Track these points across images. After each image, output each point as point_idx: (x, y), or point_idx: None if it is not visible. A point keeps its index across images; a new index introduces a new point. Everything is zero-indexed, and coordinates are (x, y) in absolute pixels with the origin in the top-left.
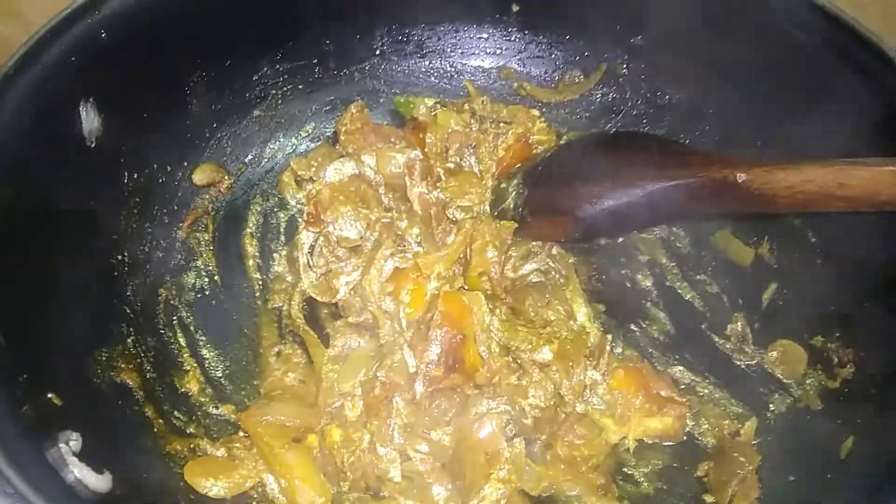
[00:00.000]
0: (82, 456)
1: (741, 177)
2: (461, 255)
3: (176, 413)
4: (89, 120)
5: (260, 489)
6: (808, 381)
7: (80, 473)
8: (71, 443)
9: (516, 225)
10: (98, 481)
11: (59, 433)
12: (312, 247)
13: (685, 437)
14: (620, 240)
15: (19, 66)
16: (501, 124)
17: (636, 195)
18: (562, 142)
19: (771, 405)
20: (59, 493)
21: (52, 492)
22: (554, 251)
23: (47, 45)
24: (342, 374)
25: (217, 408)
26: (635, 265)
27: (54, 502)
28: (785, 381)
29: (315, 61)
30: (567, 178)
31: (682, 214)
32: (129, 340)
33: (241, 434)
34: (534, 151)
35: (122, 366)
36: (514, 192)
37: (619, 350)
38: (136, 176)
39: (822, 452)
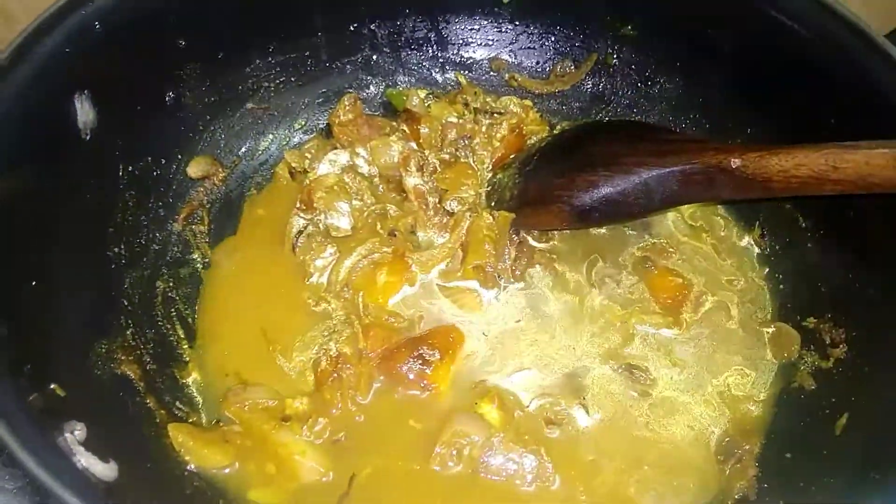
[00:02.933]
0: (87, 445)
1: (735, 162)
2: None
3: (178, 404)
4: (84, 112)
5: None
6: (801, 362)
7: (87, 462)
8: (76, 432)
9: (513, 216)
10: (104, 470)
11: (65, 423)
12: (300, 232)
13: None
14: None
15: (14, 58)
16: (495, 115)
17: (632, 182)
18: (555, 131)
19: (767, 386)
20: (74, 478)
21: (67, 478)
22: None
23: (41, 37)
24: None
25: None
26: None
27: (71, 488)
28: (779, 362)
29: (307, 53)
30: (562, 167)
31: (676, 201)
32: (128, 332)
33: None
34: (527, 142)
35: (122, 357)
36: (509, 183)
37: None
38: (130, 169)
39: (817, 430)
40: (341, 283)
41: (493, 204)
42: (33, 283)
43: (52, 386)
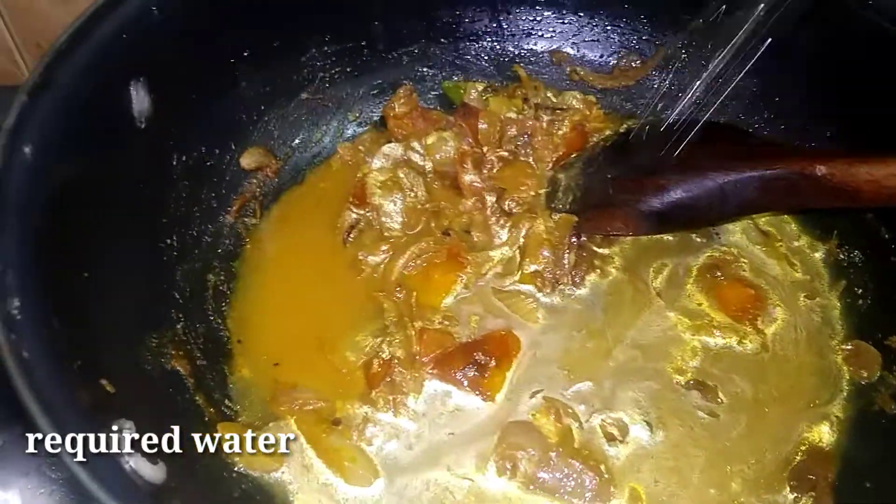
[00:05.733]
0: (136, 445)
1: (821, 170)
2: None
3: (227, 402)
4: (140, 99)
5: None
6: (882, 384)
7: (136, 464)
8: (125, 431)
9: (575, 218)
10: (153, 472)
11: (114, 421)
12: (352, 227)
13: None
14: None
15: (72, 42)
16: (557, 111)
17: (706, 187)
18: (621, 129)
19: (843, 409)
20: (119, 483)
21: (112, 482)
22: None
23: (100, 21)
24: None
25: None
26: None
27: (114, 493)
28: (857, 383)
29: (363, 43)
30: (630, 169)
31: (754, 208)
32: (178, 326)
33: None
34: (590, 140)
35: (173, 352)
36: (571, 183)
37: None
38: (184, 159)
39: None
40: (394, 282)
41: (553, 205)
42: (85, 274)
43: (101, 381)
